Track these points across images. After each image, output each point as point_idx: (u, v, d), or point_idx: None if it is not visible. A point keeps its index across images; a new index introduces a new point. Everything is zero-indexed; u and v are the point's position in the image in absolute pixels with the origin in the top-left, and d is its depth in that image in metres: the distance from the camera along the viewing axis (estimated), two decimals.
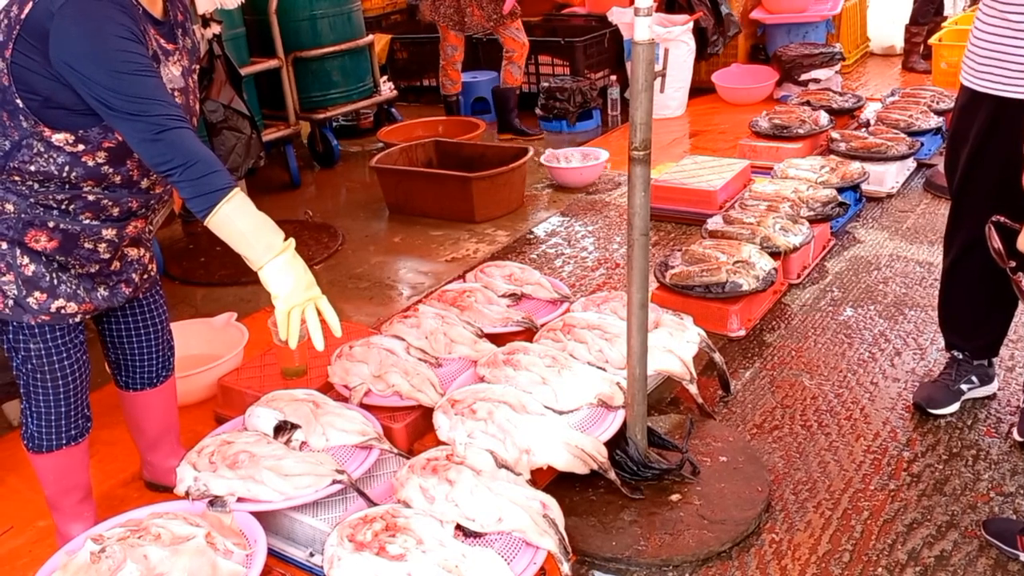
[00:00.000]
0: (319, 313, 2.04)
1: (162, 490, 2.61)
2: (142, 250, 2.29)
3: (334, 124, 6.06)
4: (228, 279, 4.16)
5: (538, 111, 6.28)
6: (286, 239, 1.97)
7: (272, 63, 5.19)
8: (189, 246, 4.59)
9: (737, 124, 5.77)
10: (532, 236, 4.40)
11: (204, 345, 3.22)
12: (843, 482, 2.46)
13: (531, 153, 4.78)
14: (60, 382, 2.16)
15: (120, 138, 1.91)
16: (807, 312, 3.42)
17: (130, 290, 2.25)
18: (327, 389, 2.77)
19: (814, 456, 2.58)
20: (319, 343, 2.03)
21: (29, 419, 2.22)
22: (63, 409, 2.20)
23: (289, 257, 1.95)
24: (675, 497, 2.40)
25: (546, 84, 6.28)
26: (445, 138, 5.35)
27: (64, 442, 2.24)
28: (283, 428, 2.44)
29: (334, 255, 4.38)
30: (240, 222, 1.88)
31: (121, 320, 2.36)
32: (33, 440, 2.23)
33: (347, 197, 5.38)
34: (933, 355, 3.04)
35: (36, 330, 2.08)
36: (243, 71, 4.55)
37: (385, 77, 6.17)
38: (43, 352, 2.11)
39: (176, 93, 1.98)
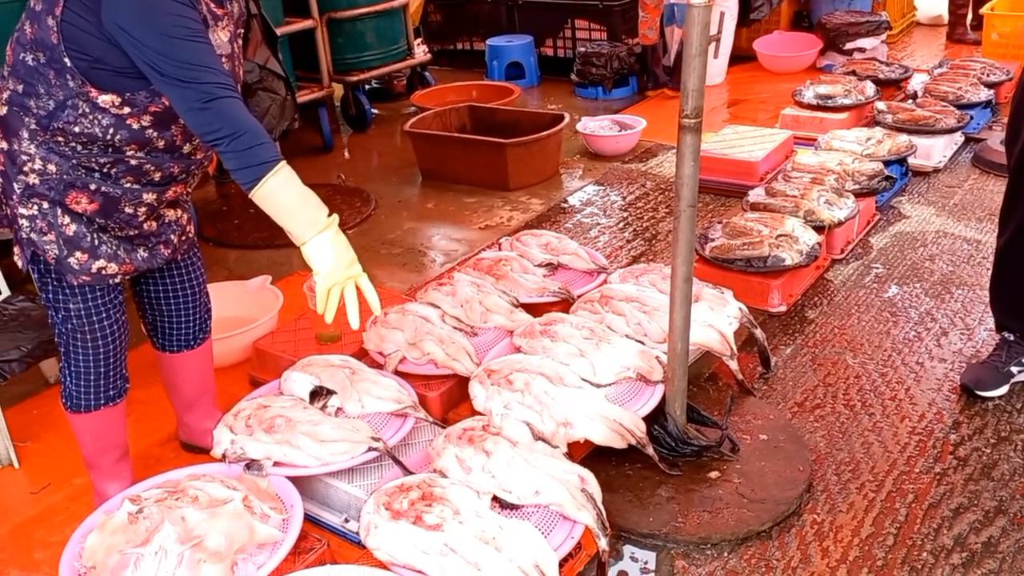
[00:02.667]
0: (359, 291, 2.00)
1: (198, 451, 2.61)
2: (179, 211, 2.26)
3: (367, 87, 6.00)
4: (262, 242, 4.14)
5: (573, 77, 6.17)
6: (330, 215, 1.94)
7: (307, 23, 5.13)
8: (223, 208, 4.58)
9: (778, 93, 5.63)
10: (567, 205, 4.33)
11: (239, 308, 3.21)
12: (887, 464, 2.41)
13: (567, 120, 4.69)
14: (100, 342, 2.16)
15: (167, 103, 1.88)
16: (850, 288, 3.34)
17: (169, 251, 2.23)
18: (361, 355, 2.75)
19: (857, 436, 2.52)
20: (355, 322, 2.02)
21: (68, 379, 2.22)
22: (102, 369, 2.20)
23: (332, 234, 1.93)
24: (714, 474, 2.36)
25: (582, 49, 6.15)
26: (479, 103, 5.28)
27: (102, 402, 2.24)
28: (319, 393, 2.43)
29: (367, 220, 4.34)
30: (285, 196, 1.86)
31: (159, 281, 2.35)
32: (72, 399, 2.24)
33: (379, 161, 5.33)
34: (981, 336, 2.96)
35: (77, 290, 2.08)
36: (278, 31, 4.50)
37: (419, 40, 6.08)
38: (83, 312, 2.10)
39: (223, 59, 1.94)
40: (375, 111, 5.95)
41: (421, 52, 6.02)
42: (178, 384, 2.53)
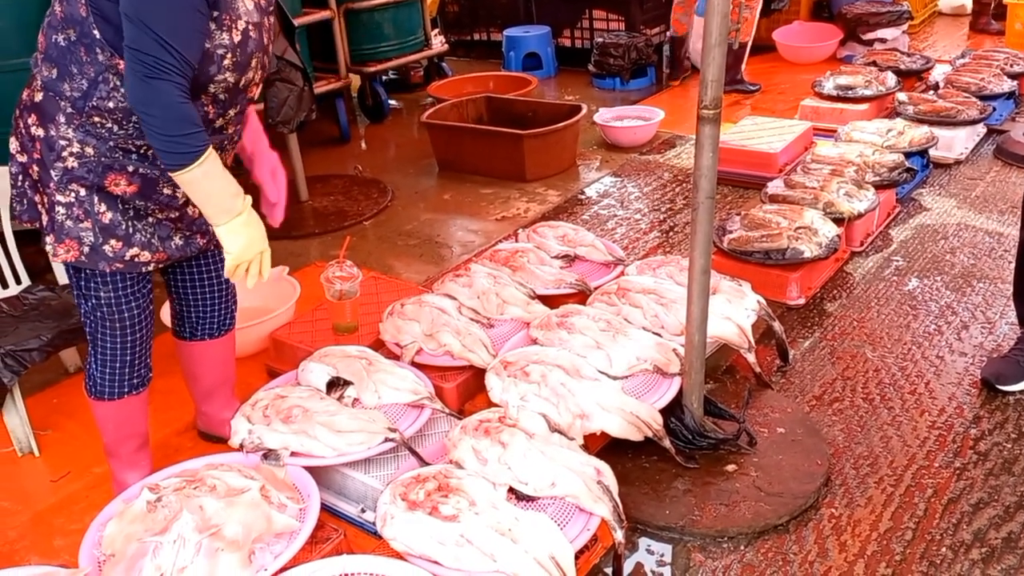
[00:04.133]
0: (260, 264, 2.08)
1: (216, 440, 2.63)
2: None
3: (384, 78, 6.00)
4: (278, 232, 4.11)
5: (591, 67, 6.15)
6: (245, 198, 1.99)
7: (324, 14, 5.12)
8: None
9: (797, 84, 5.59)
10: (584, 197, 4.32)
11: (256, 298, 3.21)
12: (906, 458, 2.39)
13: (584, 111, 4.67)
14: (128, 330, 2.17)
15: (196, 69, 1.86)
16: (870, 281, 3.31)
17: (204, 241, 2.23)
18: (378, 346, 2.76)
19: (876, 430, 2.50)
20: (250, 283, 2.07)
21: (94, 366, 2.24)
22: (128, 358, 2.21)
23: (244, 219, 1.98)
24: (731, 468, 2.35)
25: (600, 40, 6.12)
26: (496, 94, 5.26)
27: (126, 391, 2.26)
28: (335, 384, 2.44)
29: (383, 211, 4.34)
30: (205, 186, 1.90)
31: (188, 271, 2.36)
32: (96, 387, 2.25)
33: (396, 152, 5.33)
34: (1003, 329, 2.92)
35: (108, 277, 2.09)
36: (296, 22, 4.50)
37: (436, 30, 6.08)
38: (113, 300, 2.12)
39: (251, 28, 1.93)
40: (392, 102, 5.95)
41: (438, 43, 6.03)
42: (198, 373, 2.55)
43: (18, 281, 2.97)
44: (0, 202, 2.88)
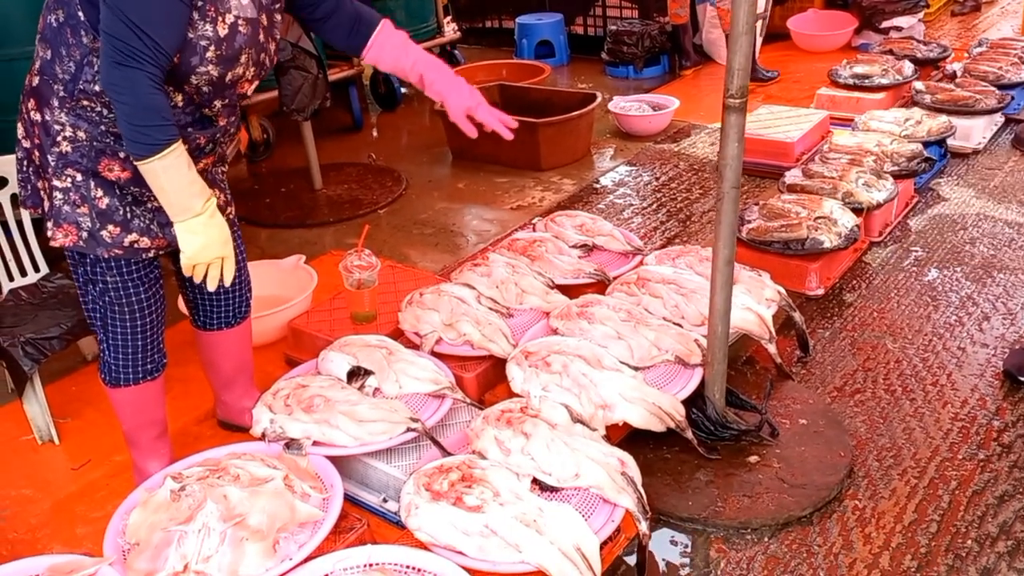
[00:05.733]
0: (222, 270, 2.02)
1: (235, 429, 2.63)
2: (215, 191, 2.25)
3: None
4: (293, 221, 4.16)
5: (604, 55, 6.11)
6: (208, 200, 1.94)
7: None
8: (254, 186, 4.59)
9: (812, 73, 5.55)
10: (599, 186, 4.30)
11: (273, 287, 3.22)
12: (929, 450, 2.38)
13: (599, 99, 4.64)
14: (136, 315, 2.16)
15: (176, 60, 1.84)
16: (889, 272, 3.29)
17: None
18: (397, 335, 2.75)
19: (898, 422, 2.49)
20: (211, 286, 2.02)
21: (106, 352, 2.23)
22: (139, 343, 2.20)
23: (204, 220, 1.93)
24: (753, 459, 2.34)
25: (613, 27, 6.09)
26: (510, 82, 5.24)
27: (140, 376, 2.25)
28: (356, 374, 2.43)
29: (398, 199, 4.33)
30: (165, 180, 1.86)
31: None
32: (110, 373, 2.25)
33: (409, 140, 5.31)
34: None
35: (112, 263, 2.08)
36: None
37: (449, 18, 6.05)
38: (119, 284, 2.11)
39: (242, 23, 1.89)
40: (403, 90, 5.93)
41: (451, 30, 5.99)
42: (217, 362, 2.54)
43: (36, 269, 2.97)
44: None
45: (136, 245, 2.08)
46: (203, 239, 1.95)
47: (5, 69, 3.26)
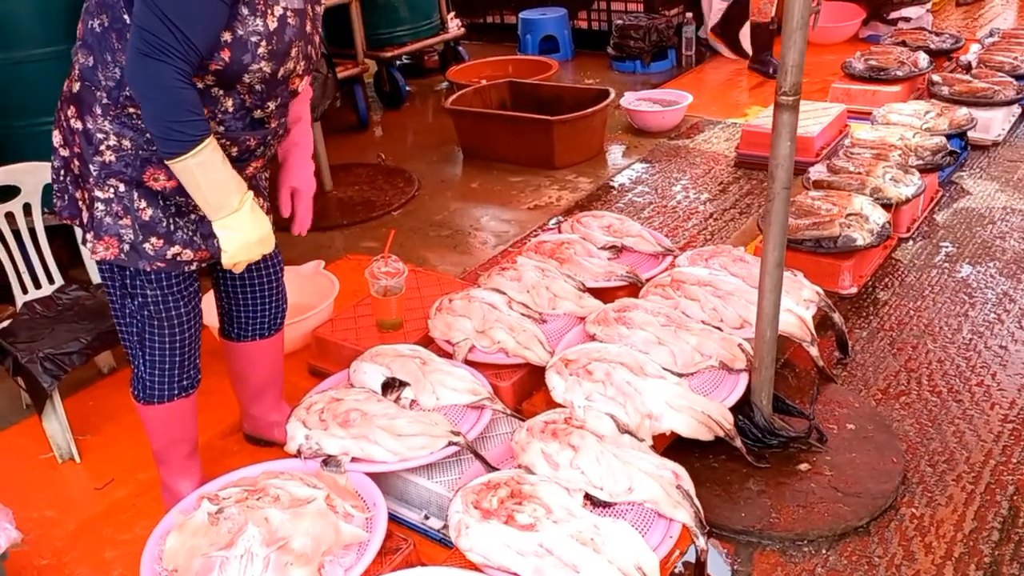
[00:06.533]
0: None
1: (263, 444, 2.55)
2: (260, 200, 2.17)
3: (398, 63, 5.87)
4: None
5: (610, 50, 6.03)
6: (245, 195, 1.88)
7: None
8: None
9: (821, 65, 5.48)
10: (616, 184, 4.22)
11: (293, 294, 3.08)
12: (982, 454, 2.32)
13: (612, 95, 4.56)
14: (177, 330, 2.08)
15: (227, 59, 1.77)
16: (921, 269, 3.23)
17: None
18: (426, 343, 2.67)
19: (948, 424, 2.43)
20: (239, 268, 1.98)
21: (142, 368, 2.13)
22: (178, 358, 2.12)
23: (242, 216, 1.88)
24: (803, 467, 2.28)
25: (619, 22, 6.00)
26: (517, 78, 5.15)
27: (176, 393, 2.16)
28: (391, 385, 2.35)
29: (411, 200, 4.24)
30: (200, 176, 1.79)
31: (249, 269, 2.27)
32: (145, 390, 2.16)
33: (416, 139, 5.22)
34: None
35: (153, 276, 2.00)
36: None
37: (452, 14, 5.95)
38: (160, 298, 2.03)
39: (290, 14, 1.83)
40: (409, 88, 5.83)
41: (455, 26, 5.89)
42: (247, 375, 2.46)
43: (51, 280, 2.87)
44: (32, 198, 2.78)
45: (179, 258, 2.00)
46: (243, 236, 1.89)
47: (11, 72, 3.15)
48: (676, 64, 6.01)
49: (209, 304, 2.54)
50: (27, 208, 2.78)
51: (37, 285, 2.85)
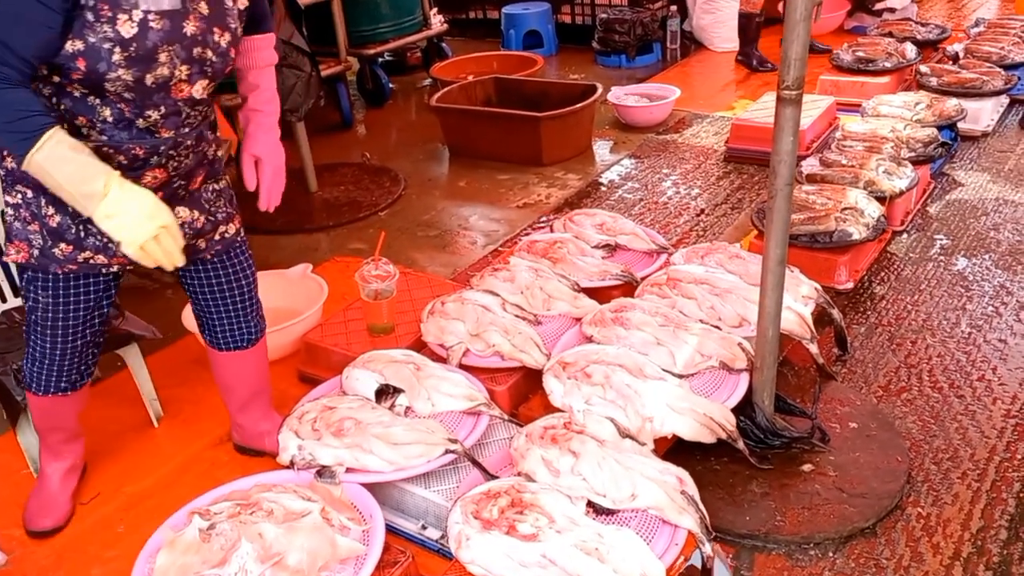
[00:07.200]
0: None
1: (253, 454, 2.48)
2: (194, 212, 2.06)
3: (380, 60, 5.79)
4: (290, 226, 3.98)
5: (595, 44, 5.98)
6: (110, 176, 1.73)
7: None
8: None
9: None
10: (605, 180, 4.17)
11: (281, 298, 3.06)
12: (987, 450, 2.29)
13: (600, 91, 4.51)
14: (59, 338, 2.07)
15: (83, 67, 1.70)
16: (917, 262, 3.20)
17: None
18: (418, 347, 2.61)
19: (951, 421, 2.40)
20: (167, 264, 1.81)
21: (27, 358, 2.15)
22: (58, 363, 2.12)
23: (113, 197, 1.72)
24: (807, 467, 2.24)
25: (603, 16, 5.96)
26: (503, 74, 5.09)
27: (53, 391, 2.16)
28: (385, 392, 2.29)
29: (398, 200, 4.17)
30: (54, 171, 1.69)
31: (197, 276, 2.19)
32: (25, 377, 2.19)
33: (399, 137, 5.15)
34: None
35: (51, 282, 1.98)
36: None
37: (435, 10, 5.88)
38: (51, 305, 2.01)
39: (153, 18, 1.71)
40: (392, 85, 5.75)
41: (437, 22, 5.82)
42: (231, 384, 2.39)
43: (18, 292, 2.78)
44: None
45: (92, 261, 1.96)
46: (126, 218, 1.74)
47: None
48: (661, 58, 5.97)
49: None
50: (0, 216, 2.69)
51: (16, 293, 2.76)
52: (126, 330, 2.54)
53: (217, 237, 2.15)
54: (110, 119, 1.82)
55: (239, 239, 2.25)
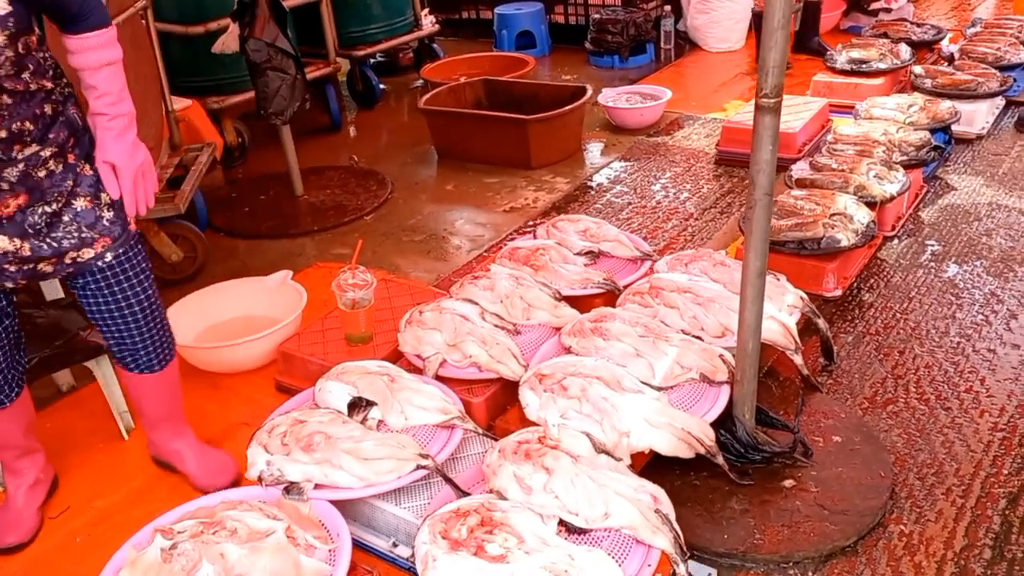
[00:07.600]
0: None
1: (168, 468, 2.43)
2: (15, 240, 1.93)
3: (371, 61, 5.74)
4: (274, 230, 3.94)
5: (587, 45, 5.93)
6: None
7: None
8: (232, 195, 4.35)
9: (801, 58, 5.39)
10: (594, 184, 4.12)
11: (259, 306, 3.01)
12: (972, 465, 2.23)
13: (590, 92, 4.46)
14: None
15: None
16: (907, 268, 3.15)
17: (51, 269, 1.99)
18: (396, 357, 2.57)
19: (936, 434, 2.34)
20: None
21: None
22: None
23: None
24: (788, 483, 2.19)
25: (596, 16, 5.90)
26: (493, 76, 5.03)
27: None
28: (357, 405, 2.24)
29: (384, 204, 4.12)
30: None
31: (83, 297, 2.11)
32: None
33: (389, 139, 5.10)
34: None
35: None
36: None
37: (426, 10, 5.83)
38: None
39: None
40: (383, 86, 5.70)
41: (429, 23, 5.77)
42: (138, 403, 2.36)
43: None
44: None
45: None
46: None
47: None
48: (655, 58, 5.91)
49: (175, 319, 2.43)
50: None
51: None
52: (95, 342, 2.49)
53: (68, 261, 2.01)
54: None
55: (103, 264, 2.04)
